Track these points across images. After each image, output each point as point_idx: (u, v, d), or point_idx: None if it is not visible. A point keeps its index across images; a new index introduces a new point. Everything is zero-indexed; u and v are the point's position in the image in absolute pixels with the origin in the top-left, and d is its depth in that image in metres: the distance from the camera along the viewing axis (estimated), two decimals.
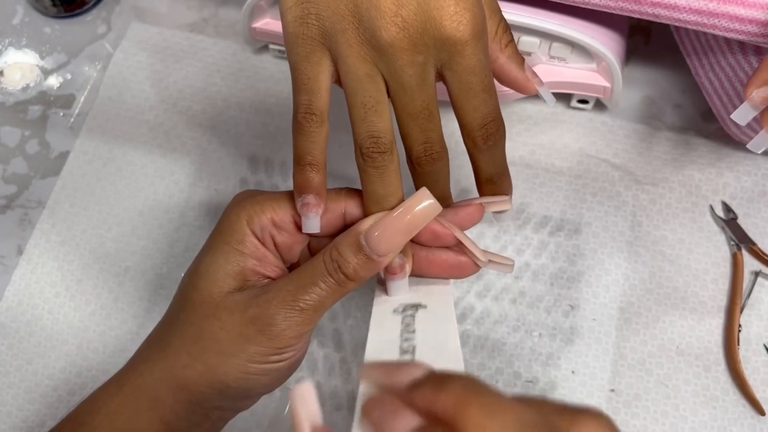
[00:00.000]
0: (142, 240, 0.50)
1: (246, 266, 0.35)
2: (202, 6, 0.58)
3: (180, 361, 0.34)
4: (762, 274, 0.48)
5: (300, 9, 0.32)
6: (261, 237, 0.35)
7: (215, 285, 0.34)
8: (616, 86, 0.48)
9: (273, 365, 0.34)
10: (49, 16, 0.58)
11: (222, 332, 0.33)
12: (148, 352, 0.36)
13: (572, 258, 0.49)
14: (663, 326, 0.47)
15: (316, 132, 0.34)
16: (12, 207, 0.52)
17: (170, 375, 0.34)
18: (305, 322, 0.33)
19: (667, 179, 0.51)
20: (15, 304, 0.49)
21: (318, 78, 0.33)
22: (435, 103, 0.34)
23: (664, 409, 0.45)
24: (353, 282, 0.34)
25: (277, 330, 0.33)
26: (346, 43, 0.32)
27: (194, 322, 0.34)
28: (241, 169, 0.52)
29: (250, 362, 0.33)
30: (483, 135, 0.34)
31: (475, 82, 0.33)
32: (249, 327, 0.33)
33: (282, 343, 0.33)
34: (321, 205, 0.35)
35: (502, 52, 0.36)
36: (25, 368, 0.47)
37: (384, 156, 0.33)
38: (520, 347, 0.47)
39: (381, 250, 0.33)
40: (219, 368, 0.33)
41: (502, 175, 0.37)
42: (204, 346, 0.34)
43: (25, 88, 0.56)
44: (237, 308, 0.34)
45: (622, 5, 0.43)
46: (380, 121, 0.33)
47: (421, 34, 0.32)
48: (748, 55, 0.44)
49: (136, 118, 0.54)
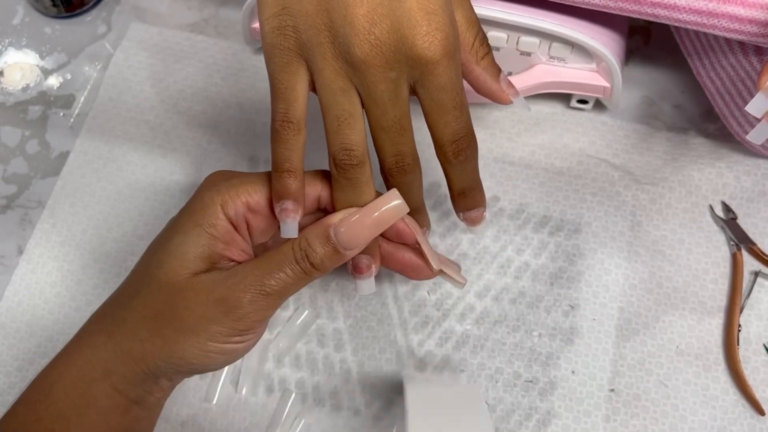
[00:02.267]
0: (142, 240, 0.50)
1: (215, 250, 0.36)
2: (203, 6, 0.58)
3: (138, 335, 0.35)
4: (762, 274, 0.48)
5: (277, 20, 0.33)
6: (235, 222, 0.36)
7: (182, 266, 0.35)
8: (616, 86, 0.48)
9: (233, 346, 0.35)
10: (49, 16, 0.58)
11: (186, 311, 0.34)
12: (101, 325, 0.36)
13: (572, 258, 0.49)
14: (663, 326, 0.47)
15: (293, 140, 0.35)
16: (12, 207, 0.52)
17: (126, 348, 0.35)
18: (269, 307, 0.35)
19: (667, 179, 0.51)
20: (15, 305, 0.49)
21: (295, 87, 0.34)
22: (407, 117, 0.35)
23: (664, 409, 0.45)
24: (318, 271, 0.35)
25: (242, 312, 0.34)
26: (322, 56, 0.33)
27: (157, 299, 0.35)
28: (242, 170, 0.52)
29: (211, 341, 0.35)
30: (454, 150, 0.35)
31: (447, 99, 0.34)
32: (214, 308, 0.34)
33: (245, 326, 0.35)
34: (299, 210, 0.36)
35: (477, 64, 0.37)
36: (26, 369, 0.47)
37: (356, 168, 0.35)
38: (520, 347, 0.47)
39: (348, 244, 0.35)
40: (178, 344, 0.34)
41: (474, 188, 0.38)
42: (165, 322, 0.35)
43: (26, 88, 0.56)
44: (203, 289, 0.35)
45: (622, 5, 0.43)
46: (353, 133, 0.34)
47: (394, 52, 0.32)
48: (748, 55, 0.44)
49: (136, 118, 0.54)
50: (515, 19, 0.45)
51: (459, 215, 0.39)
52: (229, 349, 0.35)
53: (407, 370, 0.46)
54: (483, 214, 0.39)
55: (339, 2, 0.32)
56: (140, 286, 0.36)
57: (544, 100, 0.53)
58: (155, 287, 0.35)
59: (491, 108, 0.53)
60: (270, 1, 0.33)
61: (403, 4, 0.32)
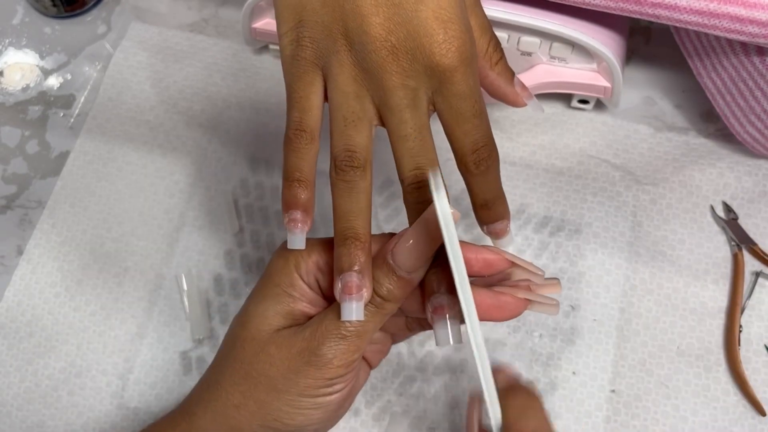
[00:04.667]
0: (142, 240, 0.50)
1: (296, 307, 0.35)
2: (202, 6, 0.58)
3: (232, 401, 0.34)
4: (763, 275, 0.48)
5: (295, 33, 0.33)
6: (307, 281, 0.35)
7: (264, 323, 0.35)
8: (617, 86, 0.48)
9: (325, 398, 0.34)
10: (49, 16, 0.58)
11: (272, 368, 0.33)
12: (200, 393, 0.36)
13: (573, 258, 0.49)
14: (663, 327, 0.47)
15: (306, 149, 0.34)
16: (12, 207, 0.52)
17: (222, 416, 0.34)
18: (350, 350, 0.33)
19: (668, 179, 0.51)
20: (15, 305, 0.49)
21: (309, 97, 0.34)
22: (428, 129, 0.34)
23: (665, 409, 0.45)
24: (390, 303, 0.33)
25: (323, 360, 0.33)
26: (338, 63, 0.33)
27: (243, 359, 0.34)
28: (241, 169, 0.52)
29: (301, 396, 0.33)
30: (475, 160, 0.34)
31: (466, 107, 0.33)
32: (297, 360, 0.33)
33: (330, 374, 0.33)
34: (308, 221, 0.35)
35: (492, 69, 0.37)
36: (24, 368, 0.47)
37: (356, 171, 0.33)
38: (521, 348, 0.47)
39: (405, 264, 0.33)
40: (271, 405, 0.33)
41: (497, 199, 0.36)
42: (255, 383, 0.34)
43: (25, 88, 0.56)
44: (284, 343, 0.34)
45: (623, 5, 0.43)
46: (359, 136, 0.34)
47: (411, 61, 0.32)
48: (750, 55, 0.44)
49: (136, 118, 0.54)
50: (516, 19, 0.45)
51: (483, 228, 0.38)
52: (323, 403, 0.34)
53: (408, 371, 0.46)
54: (508, 227, 0.37)
55: (355, 11, 0.32)
56: (228, 351, 0.36)
57: (545, 100, 0.53)
58: (239, 348, 0.35)
59: (492, 108, 0.53)
60: (286, 16, 0.33)
61: (419, 13, 0.32)
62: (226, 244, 0.50)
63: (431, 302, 0.33)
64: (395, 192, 0.50)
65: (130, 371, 0.47)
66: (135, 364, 0.47)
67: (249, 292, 0.48)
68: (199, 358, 0.47)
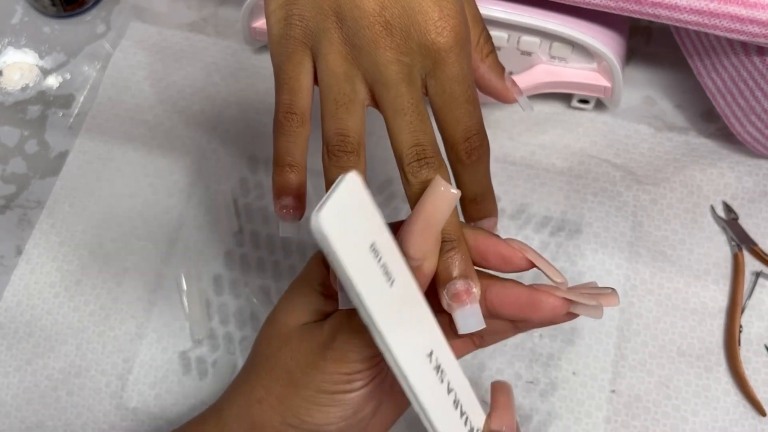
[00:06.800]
0: (141, 240, 0.50)
1: (326, 306, 0.34)
2: (202, 6, 0.58)
3: (255, 396, 0.33)
4: (763, 275, 0.48)
5: (283, 11, 0.32)
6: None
7: (291, 317, 0.34)
8: (617, 86, 0.48)
9: (344, 396, 0.32)
10: (48, 15, 0.58)
11: (292, 362, 0.33)
12: (230, 390, 0.36)
13: (573, 258, 0.49)
14: (664, 327, 0.47)
15: (297, 132, 0.33)
16: (11, 207, 0.52)
17: (246, 411, 0.34)
18: (366, 344, 0.31)
19: (668, 179, 0.51)
20: (14, 305, 0.48)
21: (299, 78, 0.33)
22: (424, 104, 0.33)
23: (665, 410, 0.45)
24: None
25: (339, 353, 0.31)
26: (328, 41, 0.32)
27: (269, 354, 0.34)
28: (241, 169, 0.52)
29: (319, 392, 0.32)
30: (467, 149, 0.33)
31: (459, 91, 0.32)
32: (316, 354, 0.32)
33: (347, 368, 0.32)
34: (300, 208, 0.34)
35: (482, 62, 0.36)
36: (24, 369, 0.47)
37: (350, 156, 0.32)
38: (521, 348, 0.46)
39: (412, 251, 0.30)
40: (291, 400, 0.33)
41: (487, 194, 0.35)
42: (276, 378, 0.33)
43: (25, 87, 0.56)
44: (306, 336, 0.33)
45: (623, 5, 0.43)
46: (351, 119, 0.32)
47: (405, 39, 0.31)
48: (750, 55, 0.44)
49: (135, 118, 0.54)
50: (516, 18, 0.45)
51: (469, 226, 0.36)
52: (341, 400, 0.32)
53: None
54: (496, 225, 0.36)
55: None
56: (256, 346, 0.35)
57: (545, 100, 0.53)
58: (266, 343, 0.34)
59: (492, 108, 0.53)
60: None
61: None
62: (226, 244, 0.50)
63: (447, 290, 0.31)
64: (395, 192, 0.50)
65: (129, 371, 0.47)
66: (134, 364, 0.47)
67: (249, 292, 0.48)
68: (199, 359, 0.47)
